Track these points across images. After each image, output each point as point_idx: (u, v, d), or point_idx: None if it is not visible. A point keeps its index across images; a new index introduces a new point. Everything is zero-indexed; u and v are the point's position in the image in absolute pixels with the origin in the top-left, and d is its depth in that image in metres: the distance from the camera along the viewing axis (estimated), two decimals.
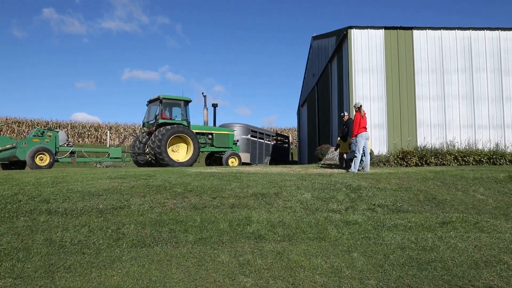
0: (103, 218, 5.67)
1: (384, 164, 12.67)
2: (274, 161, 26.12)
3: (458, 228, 6.33)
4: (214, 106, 20.06)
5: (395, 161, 12.71)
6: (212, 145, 18.77)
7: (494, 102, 13.92)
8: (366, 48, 14.00)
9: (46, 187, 7.06)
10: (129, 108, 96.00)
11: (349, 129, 11.94)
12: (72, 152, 14.75)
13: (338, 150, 12.70)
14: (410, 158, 12.64)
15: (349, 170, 10.51)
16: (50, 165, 12.69)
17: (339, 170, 11.21)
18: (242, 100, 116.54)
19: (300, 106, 29.75)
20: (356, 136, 10.53)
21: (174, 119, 17.09)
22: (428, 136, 13.74)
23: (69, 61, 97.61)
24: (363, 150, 10.51)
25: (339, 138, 12.71)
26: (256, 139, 24.46)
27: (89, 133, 44.14)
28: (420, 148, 13.32)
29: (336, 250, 5.35)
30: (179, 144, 17.00)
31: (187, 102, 17.63)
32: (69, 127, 42.99)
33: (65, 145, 14.85)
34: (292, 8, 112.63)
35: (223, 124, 23.13)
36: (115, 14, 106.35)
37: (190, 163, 16.54)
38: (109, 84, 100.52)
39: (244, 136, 23.38)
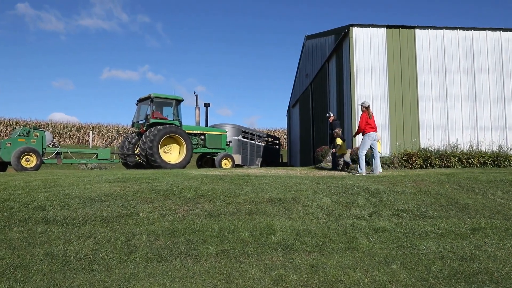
0: (110, 227, 5.01)
1: (389, 166, 12.30)
2: (265, 163, 25.61)
3: (490, 235, 5.92)
4: (206, 106, 19.38)
5: (400, 163, 12.36)
6: (204, 146, 18.11)
7: (496, 104, 13.76)
8: (368, 47, 13.62)
9: (39, 192, 6.33)
10: (108, 109, 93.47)
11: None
12: (58, 153, 13.89)
13: (337, 152, 12.31)
14: (415, 160, 12.31)
15: (358, 171, 10.07)
16: (37, 167, 11.82)
17: (347, 172, 10.75)
18: (224, 101, 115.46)
19: (291, 107, 29.31)
20: (363, 135, 10.17)
21: (167, 119, 16.38)
22: (431, 138, 13.47)
23: (46, 59, 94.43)
24: (372, 152, 10.09)
25: (338, 139, 12.30)
26: (247, 140, 23.92)
27: (70, 133, 42.63)
28: (424, 149, 13.02)
29: (373, 261, 4.85)
30: (171, 145, 16.29)
31: (179, 101, 16.94)
32: (49, 127, 41.39)
33: (51, 146, 13.97)
34: (277, 9, 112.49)
35: (213, 124, 22.48)
36: (93, 12, 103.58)
37: (183, 164, 15.86)
38: (88, 83, 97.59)
39: (236, 137, 22.79)
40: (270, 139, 27.61)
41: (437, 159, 12.42)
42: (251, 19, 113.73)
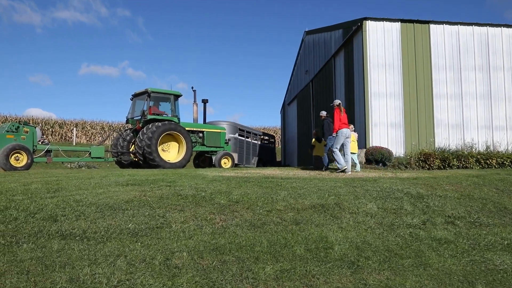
0: (141, 243, 4.14)
1: (406, 167, 11.71)
2: (261, 162, 24.82)
3: None
4: (204, 102, 18.46)
5: (417, 163, 11.79)
6: (203, 144, 17.18)
7: (511, 103, 13.35)
8: (382, 42, 13.00)
9: (44, 198, 5.40)
10: (87, 105, 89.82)
11: (324, 130, 10.98)
12: (48, 151, 12.78)
13: (313, 153, 11.90)
14: (433, 161, 11.76)
15: (338, 167, 9.80)
16: (27, 166, 10.72)
17: (375, 173, 10.08)
18: (206, 98, 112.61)
19: (287, 104, 28.58)
20: (336, 132, 9.92)
21: (165, 115, 15.41)
22: (446, 137, 12.95)
23: (22, 53, 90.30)
24: (343, 149, 10.04)
25: (313, 140, 11.91)
26: (243, 138, 23.09)
27: (52, 130, 40.80)
28: (439, 149, 12.50)
29: (453, 280, 4.15)
30: (170, 142, 15.32)
31: (177, 96, 15.97)
32: (30, 124, 39.43)
33: (40, 143, 12.85)
34: (263, 6, 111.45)
35: (208, 122, 21.55)
36: (70, 4, 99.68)
37: (182, 163, 14.93)
38: (66, 79, 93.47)
39: (232, 135, 21.93)
40: (265, 137, 26.82)
41: (455, 160, 11.90)
42: (234, 16, 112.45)
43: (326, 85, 17.61)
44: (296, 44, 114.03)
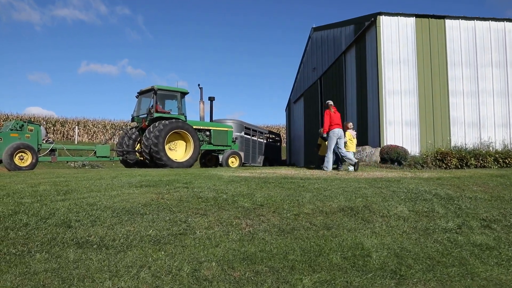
0: (164, 252, 3.79)
1: (422, 166, 11.36)
2: (267, 161, 24.45)
3: None
4: (211, 99, 18.05)
5: (433, 163, 11.43)
6: (209, 143, 16.79)
7: None
8: (396, 37, 12.61)
9: (55, 201, 5.05)
10: (87, 104, 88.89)
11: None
12: (53, 150, 12.41)
13: (319, 152, 11.57)
14: (450, 160, 11.40)
15: (324, 169, 9.66)
16: (32, 166, 10.35)
17: (399, 173, 9.71)
18: (205, 97, 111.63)
19: (293, 102, 28.18)
20: (327, 133, 9.77)
21: (170, 113, 15.03)
22: (462, 136, 12.58)
23: (21, 51, 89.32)
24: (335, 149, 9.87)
25: (319, 139, 11.53)
26: (249, 136, 22.72)
27: (54, 128, 40.43)
28: (456, 148, 12.13)
29: None
30: (176, 141, 14.94)
31: (183, 94, 15.58)
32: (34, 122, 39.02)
33: (44, 141, 12.49)
34: (259, 6, 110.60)
35: (215, 120, 21.16)
36: (70, 2, 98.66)
37: (190, 163, 14.55)
38: (65, 77, 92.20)
39: (238, 133, 21.53)
40: (271, 136, 26.43)
41: (472, 159, 11.54)
42: (234, 14, 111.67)
43: (336, 82, 17.23)
44: (298, 42, 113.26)
